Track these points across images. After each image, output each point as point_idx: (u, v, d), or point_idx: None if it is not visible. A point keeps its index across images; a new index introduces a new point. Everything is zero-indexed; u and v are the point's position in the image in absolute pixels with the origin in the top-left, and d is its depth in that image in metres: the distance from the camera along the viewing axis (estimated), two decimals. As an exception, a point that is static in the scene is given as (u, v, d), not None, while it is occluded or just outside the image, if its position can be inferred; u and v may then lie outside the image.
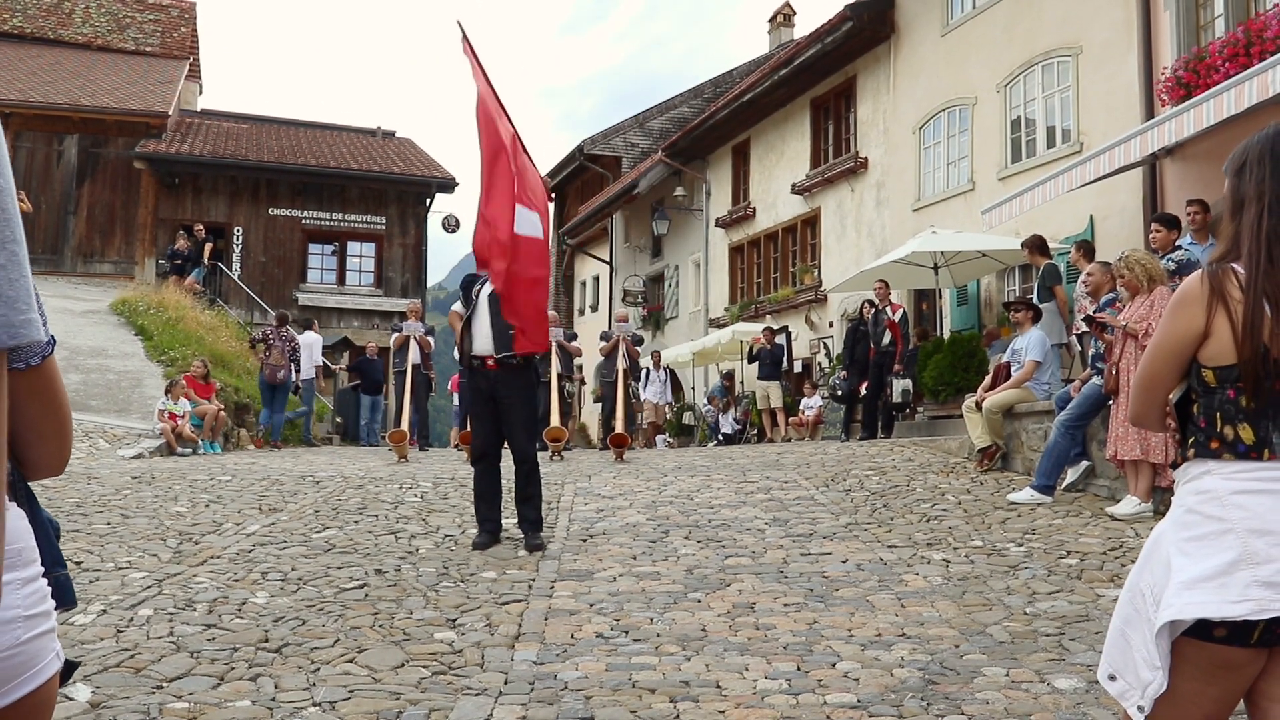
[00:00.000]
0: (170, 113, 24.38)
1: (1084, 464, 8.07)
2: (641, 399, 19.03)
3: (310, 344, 16.31)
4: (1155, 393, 2.12)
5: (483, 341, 6.81)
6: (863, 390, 14.17)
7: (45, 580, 1.42)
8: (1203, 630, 1.90)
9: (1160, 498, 6.91)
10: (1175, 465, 2.14)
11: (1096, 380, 7.65)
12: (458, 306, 7.20)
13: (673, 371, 21.89)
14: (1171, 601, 1.91)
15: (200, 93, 31.17)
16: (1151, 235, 8.62)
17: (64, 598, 2.01)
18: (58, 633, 1.42)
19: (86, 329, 17.13)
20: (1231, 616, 1.86)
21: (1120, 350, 7.14)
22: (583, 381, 16.85)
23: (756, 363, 17.82)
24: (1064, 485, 8.00)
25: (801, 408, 17.62)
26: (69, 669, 1.47)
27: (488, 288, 6.88)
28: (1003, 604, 5.10)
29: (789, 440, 16.52)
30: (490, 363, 6.77)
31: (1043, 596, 5.21)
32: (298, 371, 15.77)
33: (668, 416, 20.10)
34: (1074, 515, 7.17)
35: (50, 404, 1.28)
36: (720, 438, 19.28)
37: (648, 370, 19.27)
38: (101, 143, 23.66)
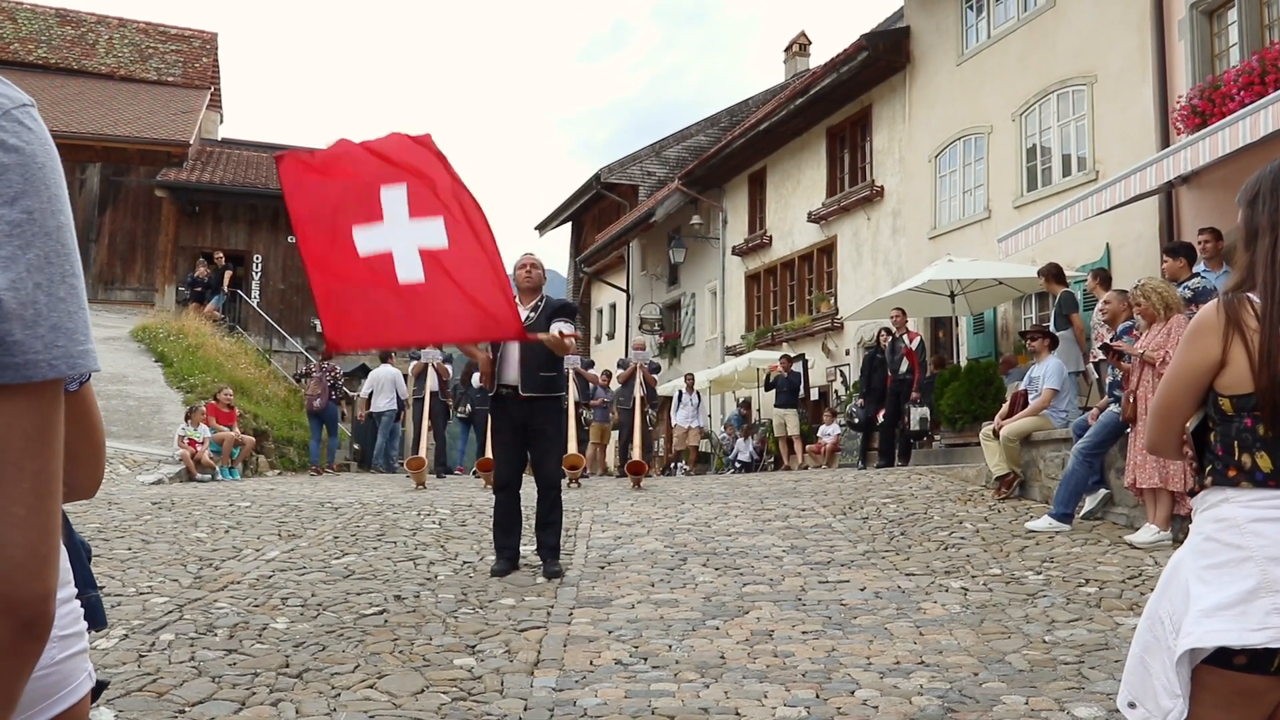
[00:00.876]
0: (191, 141, 24.64)
1: (1102, 492, 8.05)
2: (673, 423, 18.96)
3: (391, 377, 16.29)
4: (1172, 420, 2.13)
5: (512, 372, 6.70)
6: (880, 418, 14.17)
7: (78, 601, 1.45)
8: (1223, 658, 1.91)
9: (1179, 526, 6.88)
10: (1193, 493, 2.15)
11: (1114, 408, 7.65)
12: None
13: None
14: (1191, 629, 1.92)
15: (221, 122, 31.47)
16: (1163, 267, 8.62)
17: (95, 619, 2.05)
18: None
19: (107, 356, 17.26)
20: (1252, 644, 1.87)
21: (1138, 378, 7.14)
22: (604, 404, 16.80)
23: (774, 390, 17.83)
24: (1082, 513, 7.98)
25: (819, 435, 17.60)
26: (99, 689, 1.51)
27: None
28: (1021, 632, 5.09)
29: (805, 468, 16.50)
30: (521, 392, 6.69)
31: (1062, 625, 5.20)
32: (337, 400, 15.89)
33: (697, 442, 19.57)
34: (1092, 543, 7.15)
35: (86, 428, 1.31)
36: (737, 465, 19.26)
37: (680, 393, 19.13)
38: (123, 171, 23.92)
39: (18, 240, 0.85)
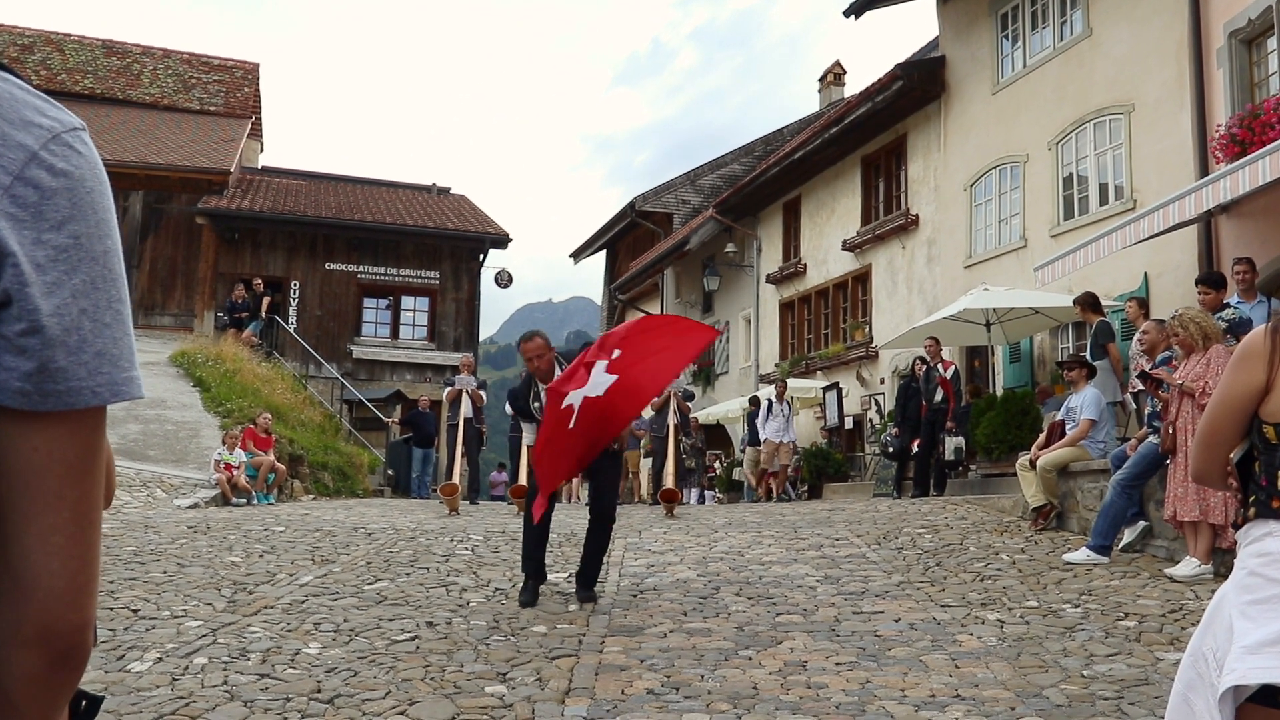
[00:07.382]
0: (232, 170, 24.96)
1: (1141, 524, 7.93)
2: (763, 438, 17.12)
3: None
4: (1217, 448, 2.10)
5: None
6: (915, 447, 14.06)
7: None
8: (1268, 695, 1.87)
9: (1220, 559, 6.76)
10: (1236, 525, 2.11)
11: (1153, 439, 7.55)
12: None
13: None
14: (1235, 666, 1.89)
15: (261, 150, 31.89)
16: (1200, 299, 8.51)
17: None
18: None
19: (146, 380, 16.93)
20: (1296, 682, 1.83)
21: (1176, 409, 7.05)
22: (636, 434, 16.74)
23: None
24: (1121, 546, 7.86)
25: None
26: (93, 704, 1.47)
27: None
28: (1059, 666, 5.01)
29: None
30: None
31: (1100, 659, 5.12)
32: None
33: (789, 460, 17.34)
34: (1131, 576, 7.04)
35: None
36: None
37: (769, 403, 17.33)
38: (165, 199, 24.24)
39: (63, 265, 0.82)
